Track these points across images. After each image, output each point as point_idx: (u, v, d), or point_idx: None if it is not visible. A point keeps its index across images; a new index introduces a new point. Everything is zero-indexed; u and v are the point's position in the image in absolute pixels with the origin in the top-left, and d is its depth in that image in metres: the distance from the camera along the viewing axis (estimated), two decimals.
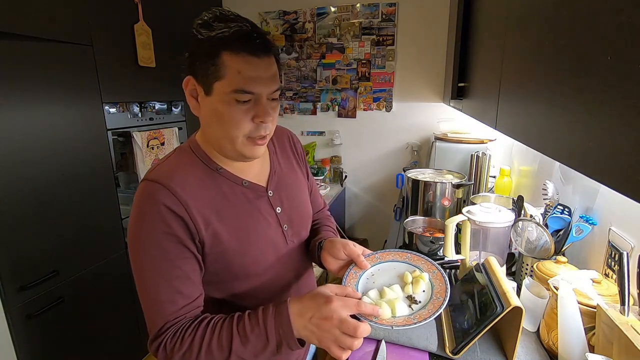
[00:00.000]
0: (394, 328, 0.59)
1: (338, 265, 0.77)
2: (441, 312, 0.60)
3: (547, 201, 1.15)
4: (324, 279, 2.40)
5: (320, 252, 0.80)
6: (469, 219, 1.04)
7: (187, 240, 0.64)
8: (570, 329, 0.74)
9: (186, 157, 0.71)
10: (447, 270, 1.18)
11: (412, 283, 0.68)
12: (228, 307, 0.74)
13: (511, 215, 1.03)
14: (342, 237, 0.89)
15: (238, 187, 0.73)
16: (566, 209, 1.04)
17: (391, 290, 0.67)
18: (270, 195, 0.77)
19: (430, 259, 0.71)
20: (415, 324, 0.59)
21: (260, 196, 0.75)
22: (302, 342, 0.61)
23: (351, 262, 0.75)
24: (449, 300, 0.61)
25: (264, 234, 0.74)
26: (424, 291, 0.65)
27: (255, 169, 0.77)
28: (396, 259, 0.76)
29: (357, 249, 0.75)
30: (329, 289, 0.62)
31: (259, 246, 0.73)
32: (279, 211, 0.78)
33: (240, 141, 0.67)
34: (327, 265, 0.78)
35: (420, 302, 0.64)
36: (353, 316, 0.59)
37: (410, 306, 0.64)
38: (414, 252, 0.74)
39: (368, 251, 0.77)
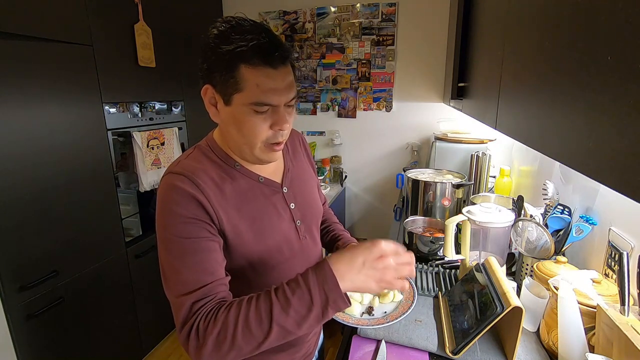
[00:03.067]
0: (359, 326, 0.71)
1: None
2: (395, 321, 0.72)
3: (547, 201, 1.15)
4: None
5: None
6: (469, 219, 1.04)
7: (210, 225, 0.67)
8: (570, 329, 0.74)
9: (206, 155, 0.74)
10: (447, 271, 1.18)
11: (379, 297, 0.77)
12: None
13: (511, 215, 1.03)
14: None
15: (255, 183, 0.76)
16: (566, 209, 1.04)
17: (360, 295, 0.77)
18: (285, 191, 0.80)
19: (415, 290, 0.81)
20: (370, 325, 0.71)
21: (275, 192, 0.79)
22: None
23: None
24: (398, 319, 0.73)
25: (279, 228, 0.77)
26: (385, 312, 0.76)
27: (271, 167, 0.80)
28: None
29: None
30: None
31: (274, 240, 0.76)
32: (293, 207, 0.81)
33: (258, 147, 0.70)
34: None
35: (373, 314, 0.75)
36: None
37: (365, 313, 0.74)
38: (410, 280, 0.83)
39: None
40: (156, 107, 1.98)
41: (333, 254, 0.63)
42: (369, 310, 0.74)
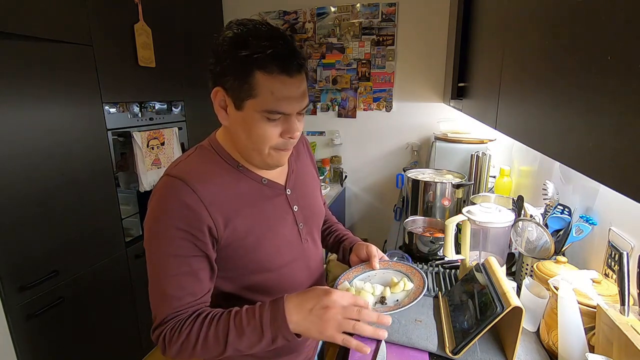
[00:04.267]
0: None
1: (357, 263, 0.88)
2: (406, 307, 0.71)
3: (547, 201, 1.15)
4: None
5: (349, 254, 0.92)
6: (469, 219, 1.04)
7: (202, 239, 0.66)
8: (570, 329, 0.74)
9: (207, 155, 0.73)
10: (447, 271, 1.18)
11: (390, 288, 0.78)
12: (241, 301, 0.75)
13: (511, 215, 1.03)
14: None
15: (258, 184, 0.75)
16: (566, 209, 1.04)
17: (371, 287, 0.78)
18: (289, 193, 0.79)
19: (425, 278, 0.79)
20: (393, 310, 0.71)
21: (278, 194, 0.77)
22: (298, 334, 0.63)
23: (365, 261, 0.87)
24: (407, 306, 0.71)
25: (281, 231, 0.76)
26: (397, 300, 0.75)
27: (275, 169, 0.79)
28: (401, 270, 0.84)
29: (377, 252, 0.86)
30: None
31: (275, 243, 0.75)
32: (296, 209, 0.80)
33: (266, 153, 0.69)
34: (351, 264, 0.89)
35: (386, 303, 0.75)
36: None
37: (377, 302, 0.75)
38: (418, 269, 0.82)
39: (386, 258, 0.88)
40: (156, 107, 1.98)
41: (292, 294, 0.65)
42: (382, 300, 0.75)
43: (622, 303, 0.68)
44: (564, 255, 0.95)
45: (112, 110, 1.71)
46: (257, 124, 0.65)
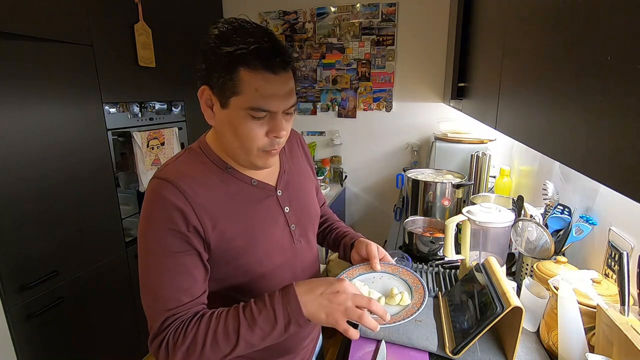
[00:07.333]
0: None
1: (359, 260, 0.85)
2: (405, 320, 0.68)
3: (547, 201, 1.15)
4: None
5: (351, 250, 0.89)
6: (469, 219, 1.04)
7: (192, 238, 0.65)
8: (570, 329, 0.74)
9: (196, 157, 0.72)
10: (447, 271, 1.18)
11: (386, 298, 0.75)
12: (232, 303, 0.74)
13: (511, 215, 1.03)
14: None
15: (247, 186, 0.73)
16: (566, 209, 1.04)
17: (369, 292, 0.76)
18: (279, 194, 0.78)
19: (426, 298, 0.75)
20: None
21: (269, 195, 0.76)
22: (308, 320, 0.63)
23: (366, 259, 0.84)
24: (405, 320, 0.68)
25: (272, 233, 0.75)
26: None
27: (266, 169, 0.77)
28: (407, 280, 0.81)
29: (378, 252, 0.83)
30: None
31: (266, 245, 0.74)
32: (287, 210, 0.78)
33: (254, 153, 0.68)
34: (353, 262, 0.87)
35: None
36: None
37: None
38: (424, 283, 0.78)
39: (390, 259, 0.85)
40: (156, 107, 1.98)
41: (299, 281, 0.66)
42: None
43: (622, 303, 0.68)
44: (564, 255, 0.95)
45: (112, 110, 1.71)
46: (243, 122, 0.64)
